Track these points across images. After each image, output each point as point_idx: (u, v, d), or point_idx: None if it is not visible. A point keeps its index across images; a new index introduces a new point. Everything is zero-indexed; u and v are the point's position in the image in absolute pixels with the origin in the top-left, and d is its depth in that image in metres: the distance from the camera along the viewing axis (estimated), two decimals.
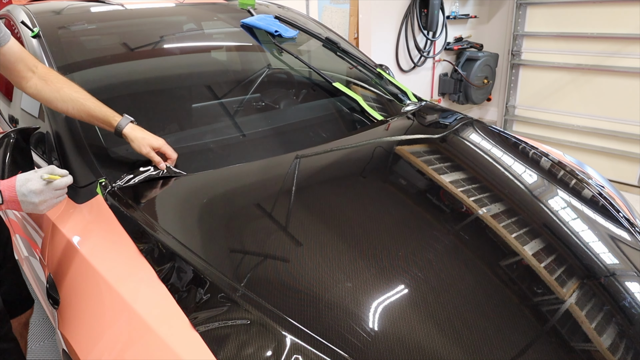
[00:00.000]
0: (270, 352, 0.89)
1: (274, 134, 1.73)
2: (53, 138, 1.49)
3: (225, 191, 1.42)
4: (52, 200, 1.14)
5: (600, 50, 4.12)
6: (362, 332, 0.95)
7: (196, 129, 1.71)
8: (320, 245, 1.17)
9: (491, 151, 1.74)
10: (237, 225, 1.26)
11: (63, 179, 1.15)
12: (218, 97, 1.86)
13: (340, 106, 1.95)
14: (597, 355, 1.00)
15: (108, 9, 2.10)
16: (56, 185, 1.13)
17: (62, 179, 1.15)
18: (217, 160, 1.55)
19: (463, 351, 0.95)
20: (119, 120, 1.37)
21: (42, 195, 1.11)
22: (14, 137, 1.39)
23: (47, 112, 1.55)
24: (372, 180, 1.53)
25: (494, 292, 1.12)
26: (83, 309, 1.13)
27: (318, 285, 1.05)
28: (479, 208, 1.37)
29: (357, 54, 2.34)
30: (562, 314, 1.07)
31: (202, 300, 0.99)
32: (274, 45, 2.08)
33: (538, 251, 1.24)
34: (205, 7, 2.35)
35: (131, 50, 1.90)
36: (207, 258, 1.10)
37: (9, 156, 1.34)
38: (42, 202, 1.12)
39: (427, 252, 1.19)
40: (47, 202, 1.13)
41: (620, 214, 1.53)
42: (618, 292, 1.19)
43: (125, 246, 1.17)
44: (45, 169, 1.16)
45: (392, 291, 1.07)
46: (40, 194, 1.10)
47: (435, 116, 2.03)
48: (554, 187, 1.58)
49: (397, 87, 2.23)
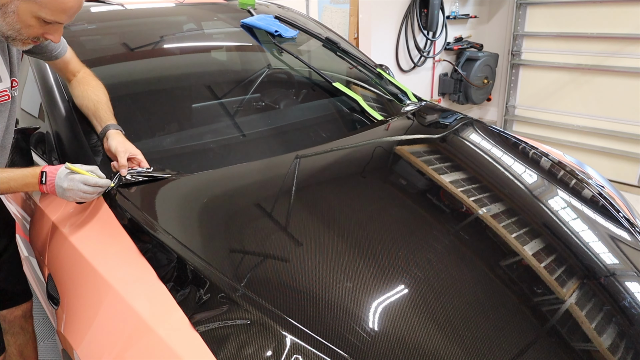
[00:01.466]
0: (270, 352, 0.89)
1: (274, 134, 1.73)
2: (53, 138, 1.50)
3: (225, 191, 1.42)
4: (79, 192, 1.23)
5: (600, 50, 4.12)
6: (362, 332, 0.95)
7: (196, 129, 1.71)
8: (320, 245, 1.17)
9: (491, 151, 1.74)
10: (237, 225, 1.26)
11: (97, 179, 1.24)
12: (218, 97, 1.86)
13: (340, 106, 1.95)
14: (597, 355, 1.01)
15: (108, 9, 2.10)
16: (87, 180, 1.22)
17: (96, 179, 1.24)
18: (217, 160, 1.55)
19: (463, 351, 0.95)
20: (109, 123, 1.42)
21: (71, 183, 1.21)
22: (14, 137, 1.40)
23: (47, 112, 1.55)
24: (372, 180, 1.53)
25: (494, 292, 1.13)
26: (83, 309, 1.13)
27: (318, 285, 1.05)
28: (479, 208, 1.37)
29: (357, 54, 2.34)
30: (562, 314, 1.07)
31: (202, 300, 0.99)
32: (274, 45, 2.08)
33: (538, 251, 1.24)
34: (205, 7, 2.35)
35: (131, 51, 1.90)
36: (207, 258, 1.10)
37: (9, 156, 1.35)
38: (70, 189, 1.22)
39: (427, 252, 1.19)
40: (74, 191, 1.22)
41: (620, 214, 1.53)
42: (618, 292, 1.19)
43: (125, 246, 1.17)
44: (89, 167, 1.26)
45: (392, 291, 1.07)
46: (70, 181, 1.21)
47: (435, 116, 2.03)
48: (554, 187, 1.58)
49: (397, 87, 2.23)
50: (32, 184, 1.24)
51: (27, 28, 1.13)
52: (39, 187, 1.24)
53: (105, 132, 1.41)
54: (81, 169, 1.23)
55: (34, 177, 1.24)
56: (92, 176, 1.24)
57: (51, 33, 1.17)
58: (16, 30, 1.13)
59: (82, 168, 1.24)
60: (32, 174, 1.24)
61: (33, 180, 1.24)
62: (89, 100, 1.47)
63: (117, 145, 1.36)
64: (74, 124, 1.49)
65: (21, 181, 1.24)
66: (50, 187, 1.23)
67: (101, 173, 1.27)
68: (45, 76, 1.62)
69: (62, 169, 1.23)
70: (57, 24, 1.16)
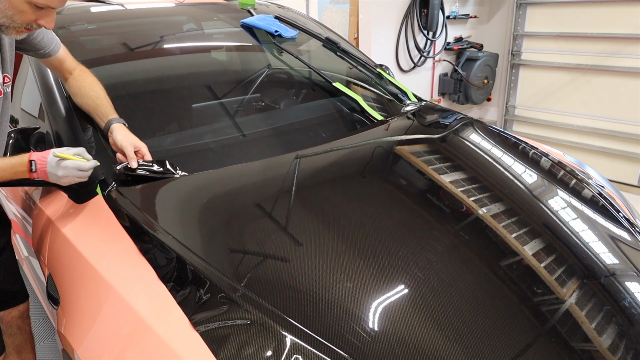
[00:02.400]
0: (270, 352, 0.89)
1: (274, 134, 1.73)
2: (53, 138, 1.50)
3: (225, 191, 1.42)
4: (74, 178, 1.27)
5: (600, 50, 4.12)
6: (362, 332, 0.95)
7: (196, 129, 1.71)
8: (320, 245, 1.17)
9: (491, 151, 1.74)
10: (237, 225, 1.26)
11: (87, 162, 1.28)
12: (218, 97, 1.86)
13: (340, 106, 1.95)
14: (597, 355, 1.00)
15: (108, 9, 2.10)
16: (79, 166, 1.26)
17: (85, 163, 1.27)
18: (217, 160, 1.55)
19: (463, 351, 0.95)
20: (111, 118, 1.45)
21: (65, 171, 1.25)
22: (14, 137, 1.40)
23: (47, 112, 1.55)
24: (372, 180, 1.53)
25: (494, 292, 1.12)
26: (83, 309, 1.13)
27: (318, 285, 1.06)
28: (479, 208, 1.37)
29: (357, 54, 2.34)
30: (562, 314, 1.07)
31: (202, 300, 0.99)
32: (274, 45, 2.08)
33: (538, 251, 1.24)
34: (205, 7, 2.35)
35: (131, 51, 1.90)
36: (207, 258, 1.10)
37: (9, 156, 1.35)
38: (64, 177, 1.26)
39: (427, 252, 1.19)
40: (68, 178, 1.27)
41: (620, 214, 1.53)
42: (618, 292, 1.19)
43: (125, 246, 1.17)
44: (76, 149, 1.28)
45: (392, 291, 1.07)
46: (64, 169, 1.24)
47: (435, 116, 2.03)
48: (554, 187, 1.58)
49: (397, 87, 2.23)
50: (22, 172, 1.27)
51: (20, 14, 1.14)
52: (29, 174, 1.26)
53: (109, 127, 1.43)
54: (68, 153, 1.25)
55: (22, 166, 1.26)
56: (82, 160, 1.27)
57: (44, 18, 1.18)
58: (9, 17, 1.14)
59: (69, 153, 1.26)
60: (21, 162, 1.26)
61: (22, 168, 1.26)
62: (87, 97, 1.48)
63: (123, 139, 1.38)
64: (74, 124, 1.49)
65: (10, 170, 1.26)
66: (42, 175, 1.26)
67: (88, 155, 1.30)
68: (45, 76, 1.62)
69: (51, 157, 1.24)
70: (49, 9, 1.18)
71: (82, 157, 1.28)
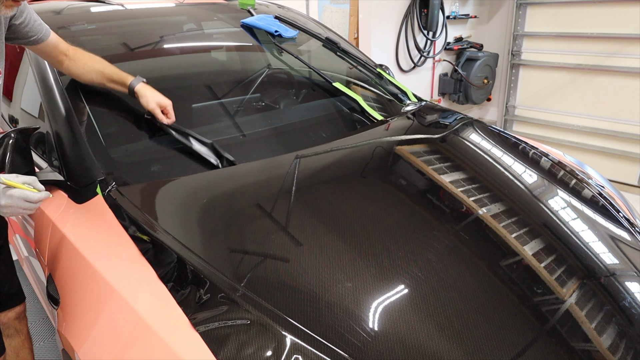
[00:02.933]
0: (270, 352, 0.89)
1: (274, 134, 1.73)
2: (53, 138, 1.49)
3: (225, 191, 1.42)
4: (18, 209, 1.13)
5: (600, 50, 4.12)
6: (362, 332, 0.95)
7: (196, 129, 1.70)
8: (320, 245, 1.17)
9: (491, 151, 1.74)
10: (237, 225, 1.26)
11: (36, 194, 1.14)
12: (218, 97, 1.86)
13: (340, 106, 1.95)
14: (597, 355, 1.01)
15: (108, 9, 2.10)
16: (27, 196, 1.13)
17: (35, 194, 1.14)
18: None
19: (463, 351, 0.95)
20: (132, 80, 1.51)
21: (10, 200, 1.11)
22: (14, 137, 1.39)
23: (47, 112, 1.55)
24: (372, 180, 1.53)
25: (494, 292, 1.12)
26: (83, 309, 1.13)
27: (318, 285, 1.06)
28: (479, 208, 1.37)
29: (357, 54, 2.34)
30: (562, 314, 1.07)
31: (202, 300, 0.99)
32: (274, 45, 2.08)
33: (538, 251, 1.24)
34: (205, 7, 2.35)
35: (131, 51, 1.90)
36: (207, 258, 1.10)
37: (9, 156, 1.34)
38: (8, 207, 1.12)
39: (427, 252, 1.19)
40: (12, 208, 1.12)
41: (620, 214, 1.53)
42: (618, 292, 1.19)
43: (125, 246, 1.17)
44: (27, 178, 1.15)
45: (392, 291, 1.07)
46: (8, 198, 1.11)
47: (435, 116, 2.03)
48: (554, 187, 1.58)
49: (397, 87, 2.23)
50: None
51: None
52: None
53: (133, 91, 1.50)
54: (17, 181, 1.12)
55: None
56: (31, 190, 1.13)
57: None
58: None
59: (17, 181, 1.13)
60: None
61: None
62: (94, 71, 1.51)
63: (148, 101, 1.47)
64: (74, 124, 1.49)
65: None
66: None
67: (40, 185, 1.17)
68: (45, 76, 1.62)
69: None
70: None
71: (32, 187, 1.14)
